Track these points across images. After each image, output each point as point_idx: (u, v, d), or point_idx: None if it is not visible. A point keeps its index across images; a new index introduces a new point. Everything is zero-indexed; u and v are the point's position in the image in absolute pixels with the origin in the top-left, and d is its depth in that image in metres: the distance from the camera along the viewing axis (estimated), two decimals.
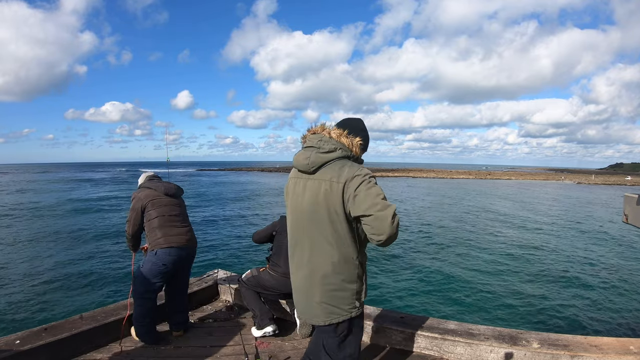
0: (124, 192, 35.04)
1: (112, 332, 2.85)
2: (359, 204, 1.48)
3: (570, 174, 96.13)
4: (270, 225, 3.28)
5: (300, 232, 1.68)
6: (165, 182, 3.06)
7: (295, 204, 1.68)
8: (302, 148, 1.70)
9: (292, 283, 1.79)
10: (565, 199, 35.06)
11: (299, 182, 1.67)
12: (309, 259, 1.65)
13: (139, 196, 2.89)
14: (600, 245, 14.51)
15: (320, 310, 1.65)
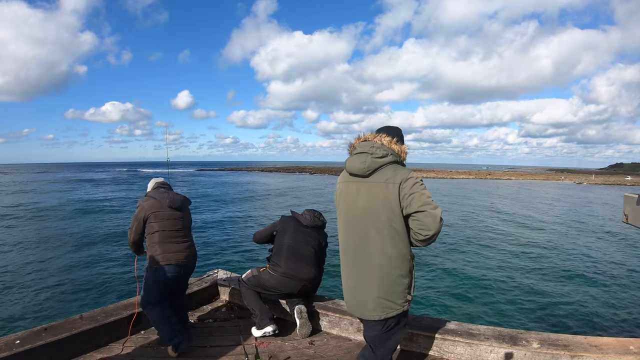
0: (124, 193, 35.08)
1: (112, 332, 2.85)
2: (414, 202, 1.66)
3: (570, 174, 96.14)
4: (270, 225, 3.29)
5: (357, 232, 1.79)
6: (172, 192, 3.02)
7: (350, 206, 1.81)
8: (354, 154, 1.82)
9: (346, 281, 1.87)
10: (565, 199, 35.06)
11: (352, 185, 1.81)
12: (367, 256, 1.75)
13: (143, 205, 2.86)
14: (600, 245, 14.50)
15: (376, 305, 1.75)
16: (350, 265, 1.83)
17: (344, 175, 1.88)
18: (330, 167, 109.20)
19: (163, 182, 3.15)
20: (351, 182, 1.82)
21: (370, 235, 1.74)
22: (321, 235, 3.28)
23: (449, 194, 37.56)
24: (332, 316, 3.05)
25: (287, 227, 3.17)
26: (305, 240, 3.12)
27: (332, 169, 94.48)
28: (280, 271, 2.99)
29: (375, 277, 1.74)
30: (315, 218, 3.26)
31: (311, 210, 3.34)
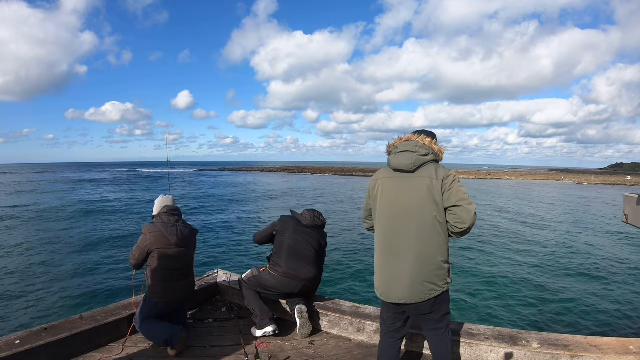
0: (125, 194, 35.07)
1: (112, 332, 2.85)
2: (453, 196, 1.86)
3: (570, 174, 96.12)
4: (270, 225, 3.28)
5: (402, 222, 1.92)
6: (181, 226, 2.92)
7: (395, 198, 1.95)
8: (398, 152, 1.98)
9: (389, 269, 1.96)
10: (564, 199, 35.06)
11: (395, 180, 1.98)
12: (414, 245, 1.89)
13: (149, 238, 2.78)
14: (600, 245, 14.50)
15: (423, 288, 1.89)
16: (395, 254, 1.94)
17: (384, 172, 2.04)
18: (330, 167, 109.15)
19: (174, 207, 3.02)
20: (395, 177, 1.98)
21: (416, 225, 1.89)
22: (321, 235, 3.28)
23: None
24: (332, 316, 3.05)
25: (287, 227, 3.17)
26: (305, 240, 3.12)
27: (331, 168, 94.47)
28: (281, 271, 2.98)
29: (422, 263, 1.88)
30: (315, 218, 3.25)
31: (311, 210, 3.33)
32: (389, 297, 1.97)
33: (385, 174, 2.03)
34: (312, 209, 3.35)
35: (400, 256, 1.92)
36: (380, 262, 2.00)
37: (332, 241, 14.21)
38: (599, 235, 16.59)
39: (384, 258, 1.98)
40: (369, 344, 2.87)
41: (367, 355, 2.71)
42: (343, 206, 25.48)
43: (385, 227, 1.98)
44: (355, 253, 12.50)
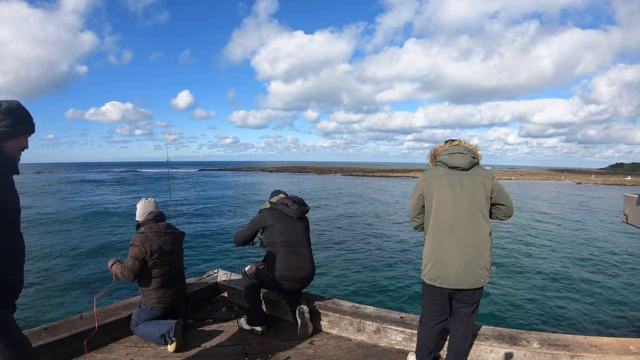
0: (125, 194, 35.07)
1: (112, 332, 2.85)
2: (502, 196, 2.21)
3: (570, 174, 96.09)
4: (252, 223, 3.09)
5: (462, 213, 2.14)
6: (172, 231, 2.92)
7: (454, 193, 2.16)
8: (451, 153, 2.22)
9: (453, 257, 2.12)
10: (564, 199, 35.05)
11: (453, 177, 2.19)
12: (473, 233, 2.13)
13: (145, 248, 2.76)
14: (599, 245, 14.49)
15: (482, 273, 2.13)
16: (457, 242, 2.13)
17: (439, 169, 2.24)
18: (330, 167, 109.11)
19: (159, 212, 2.99)
20: (451, 174, 2.20)
21: (475, 216, 2.14)
22: (306, 221, 3.15)
23: None
24: (332, 316, 3.05)
25: (273, 223, 2.99)
26: (297, 236, 3.00)
27: (331, 168, 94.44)
28: (278, 275, 2.93)
29: (480, 251, 2.12)
30: (301, 208, 3.08)
31: (292, 198, 3.14)
32: (450, 284, 2.13)
33: (440, 171, 2.23)
34: (294, 197, 3.17)
35: (464, 244, 2.11)
36: (442, 251, 2.15)
37: (333, 241, 14.21)
38: (599, 235, 16.58)
39: (446, 246, 2.14)
40: (369, 344, 2.87)
41: (367, 355, 2.71)
42: (346, 206, 25.49)
43: (447, 217, 2.15)
44: (356, 253, 12.50)
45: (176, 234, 2.99)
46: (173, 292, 2.92)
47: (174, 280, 2.93)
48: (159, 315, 2.88)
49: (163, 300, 2.87)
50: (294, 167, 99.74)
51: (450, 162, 2.20)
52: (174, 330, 2.67)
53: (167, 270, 2.86)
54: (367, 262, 11.38)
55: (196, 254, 11.83)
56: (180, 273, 3.02)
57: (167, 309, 2.90)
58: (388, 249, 13.21)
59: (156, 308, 2.85)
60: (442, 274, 2.15)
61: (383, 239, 14.92)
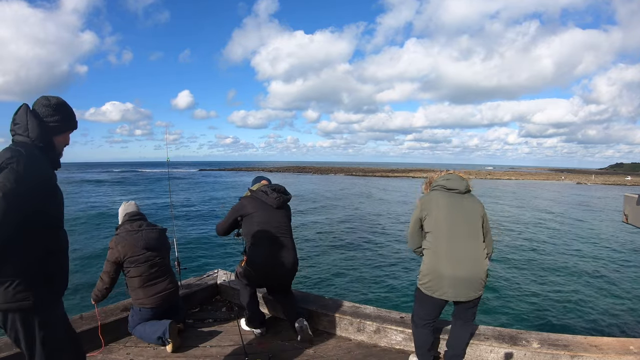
0: (125, 195, 35.09)
1: (112, 332, 2.85)
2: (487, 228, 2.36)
3: (570, 174, 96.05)
4: (231, 212, 2.99)
5: (462, 229, 2.24)
6: (146, 230, 2.88)
7: (453, 210, 2.28)
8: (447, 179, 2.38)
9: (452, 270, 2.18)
10: (564, 199, 35.04)
11: (452, 196, 2.33)
12: (472, 249, 2.22)
13: (117, 249, 2.77)
14: (599, 245, 14.49)
15: (479, 286, 2.23)
16: (456, 258, 2.20)
17: (439, 191, 2.37)
18: (330, 166, 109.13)
19: (135, 212, 3.00)
20: (452, 195, 2.34)
21: (474, 233, 2.26)
22: (288, 212, 3.06)
23: None
24: (332, 316, 3.05)
25: (253, 212, 2.88)
26: (278, 225, 2.89)
27: (331, 168, 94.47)
28: (260, 268, 2.84)
29: (479, 265, 2.21)
30: (281, 196, 2.97)
31: (273, 186, 3.03)
32: (448, 296, 2.24)
33: (441, 194, 2.36)
34: (275, 185, 3.06)
35: (463, 260, 2.20)
36: (441, 266, 2.21)
37: (334, 241, 14.21)
38: (599, 236, 16.57)
39: (446, 261, 2.21)
40: (369, 343, 2.87)
41: (367, 355, 2.71)
42: (347, 205, 25.49)
43: (447, 233, 2.24)
44: (356, 253, 12.50)
45: (151, 230, 2.90)
46: (158, 290, 2.83)
47: (156, 278, 2.84)
48: (150, 316, 2.82)
49: (149, 300, 2.79)
50: (294, 167, 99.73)
51: (448, 185, 2.35)
52: (169, 331, 2.66)
53: (145, 268, 2.79)
54: (368, 262, 11.38)
55: (196, 254, 11.84)
56: (163, 271, 2.91)
57: (156, 309, 2.82)
58: (389, 248, 13.21)
59: (144, 309, 2.80)
60: (441, 288, 2.23)
61: (383, 238, 14.91)
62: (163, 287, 2.87)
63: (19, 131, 1.60)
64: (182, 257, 3.75)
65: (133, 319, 2.86)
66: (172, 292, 2.94)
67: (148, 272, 2.81)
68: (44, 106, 1.66)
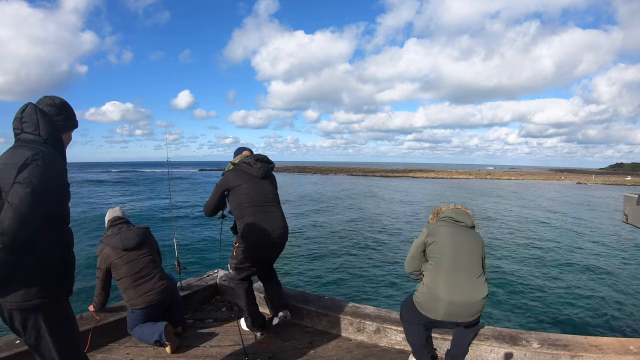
0: (125, 195, 35.11)
1: (112, 332, 2.86)
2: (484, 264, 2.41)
3: (570, 174, 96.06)
4: (215, 188, 2.91)
5: (466, 259, 2.32)
6: (124, 232, 2.89)
7: (458, 239, 2.38)
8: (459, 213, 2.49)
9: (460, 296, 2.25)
10: (564, 199, 35.04)
11: (460, 229, 2.43)
12: (476, 276, 2.30)
13: (102, 256, 2.82)
14: (599, 245, 14.49)
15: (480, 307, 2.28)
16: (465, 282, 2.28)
17: (446, 221, 2.48)
18: (330, 166, 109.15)
19: (117, 217, 3.02)
20: (459, 226, 2.45)
21: (476, 261, 2.34)
22: (273, 179, 3.01)
23: (450, 194, 37.55)
24: (332, 316, 3.05)
25: (239, 183, 2.81)
26: (265, 195, 2.84)
27: (331, 168, 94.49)
28: (253, 238, 2.76)
29: (480, 289, 2.28)
30: (265, 165, 2.90)
31: (256, 156, 2.95)
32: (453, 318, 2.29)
33: (445, 224, 2.46)
34: (258, 155, 2.98)
35: (463, 287, 2.27)
36: (442, 289, 2.28)
37: (334, 241, 14.21)
38: (599, 236, 16.57)
39: (447, 286, 2.28)
40: (368, 343, 2.87)
41: (367, 355, 2.71)
42: (349, 205, 25.49)
43: (452, 259, 2.32)
44: (357, 253, 12.49)
45: (129, 231, 2.90)
46: (147, 289, 2.80)
47: (143, 277, 2.82)
48: (144, 316, 2.80)
49: (140, 300, 2.77)
50: (294, 167, 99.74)
51: (456, 217, 2.48)
52: (165, 334, 2.65)
53: (129, 269, 2.79)
54: (368, 262, 11.38)
55: (196, 254, 11.84)
56: (150, 269, 2.88)
57: (149, 308, 2.79)
58: (389, 248, 13.21)
59: (136, 310, 2.78)
60: (435, 310, 2.30)
61: (383, 238, 14.91)
62: (151, 285, 2.83)
63: (28, 129, 1.63)
64: (182, 257, 3.75)
65: (130, 320, 2.86)
66: (163, 290, 2.87)
67: (133, 272, 2.80)
68: (50, 105, 1.71)
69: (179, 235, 14.32)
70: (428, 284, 2.36)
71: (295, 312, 3.20)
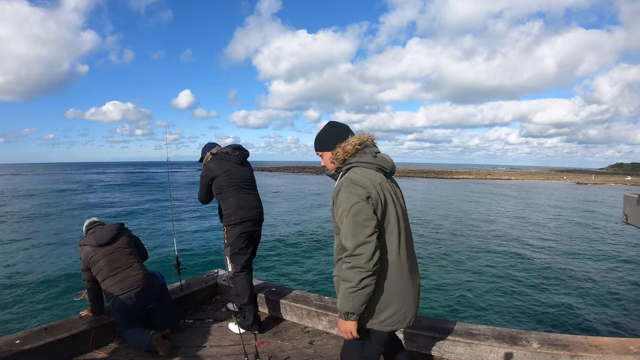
0: (125, 195, 35.08)
1: (112, 332, 2.85)
2: None
3: (571, 174, 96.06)
4: (202, 179, 3.14)
5: (408, 235, 1.73)
6: (98, 230, 2.93)
7: (400, 207, 1.69)
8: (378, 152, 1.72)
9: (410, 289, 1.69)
10: (565, 199, 35.04)
11: (391, 184, 1.71)
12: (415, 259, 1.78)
13: (82, 256, 2.88)
14: (599, 245, 14.50)
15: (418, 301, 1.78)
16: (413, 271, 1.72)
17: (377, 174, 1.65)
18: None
19: (93, 221, 3.10)
20: (389, 181, 1.70)
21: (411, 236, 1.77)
22: (250, 166, 3.26)
23: (449, 194, 37.55)
24: (332, 316, 3.05)
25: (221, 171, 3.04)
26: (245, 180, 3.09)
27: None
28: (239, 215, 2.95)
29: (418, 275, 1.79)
30: (242, 152, 3.17)
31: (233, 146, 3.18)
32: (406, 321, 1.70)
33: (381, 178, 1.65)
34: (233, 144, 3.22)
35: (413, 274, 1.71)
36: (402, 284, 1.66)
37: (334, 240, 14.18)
38: (599, 236, 16.58)
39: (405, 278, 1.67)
40: None
41: None
42: None
43: (401, 240, 1.66)
44: None
45: (102, 228, 2.95)
46: (123, 276, 2.80)
47: (119, 267, 2.83)
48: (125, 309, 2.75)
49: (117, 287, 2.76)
50: (294, 167, 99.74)
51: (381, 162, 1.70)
52: (153, 344, 2.63)
53: (105, 262, 2.81)
54: None
55: (196, 254, 11.84)
56: (127, 260, 2.89)
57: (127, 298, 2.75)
58: None
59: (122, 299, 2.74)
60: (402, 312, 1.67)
61: None
62: (128, 272, 2.84)
63: None
64: (182, 257, 3.74)
65: (117, 319, 2.81)
66: (141, 277, 2.86)
67: (110, 264, 2.83)
68: None
69: (179, 236, 14.34)
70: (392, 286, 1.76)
71: (296, 312, 3.21)
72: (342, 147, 1.68)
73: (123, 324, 2.78)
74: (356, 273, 1.48)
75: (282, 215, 20.88)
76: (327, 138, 1.77)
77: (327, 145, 1.76)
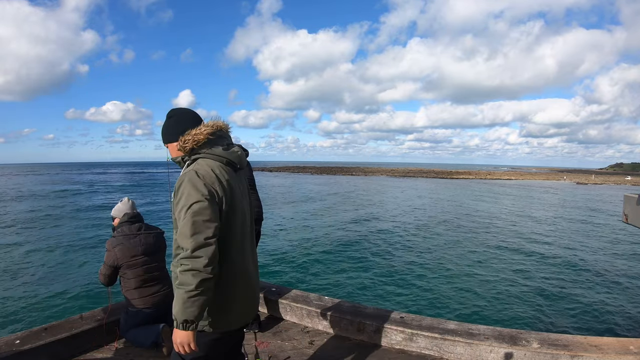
0: (125, 195, 35.05)
1: (112, 332, 2.85)
2: None
3: (571, 174, 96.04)
4: None
5: (249, 227, 1.67)
6: (145, 234, 2.84)
7: (243, 202, 1.62)
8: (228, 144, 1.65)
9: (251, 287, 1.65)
10: (565, 199, 35.03)
11: (234, 177, 1.59)
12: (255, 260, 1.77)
13: (114, 252, 2.74)
14: (599, 245, 14.49)
15: None
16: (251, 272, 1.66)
17: (225, 169, 1.56)
18: (330, 166, 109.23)
19: (133, 214, 2.92)
20: (237, 176, 1.63)
21: (254, 235, 1.73)
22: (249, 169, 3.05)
23: (448, 194, 37.54)
24: (332, 316, 3.05)
25: None
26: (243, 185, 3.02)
27: (332, 168, 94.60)
28: None
29: None
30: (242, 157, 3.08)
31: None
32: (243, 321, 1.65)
33: (228, 173, 1.56)
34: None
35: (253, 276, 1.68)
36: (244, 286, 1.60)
37: (334, 240, 14.20)
38: (599, 236, 16.57)
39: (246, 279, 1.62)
40: (369, 343, 2.87)
41: (367, 355, 2.71)
42: (350, 205, 25.50)
43: (245, 240, 1.62)
44: (357, 253, 12.49)
45: (149, 235, 2.89)
46: (152, 292, 2.80)
47: (152, 281, 2.82)
48: (142, 318, 2.76)
49: (142, 301, 2.75)
50: (295, 167, 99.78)
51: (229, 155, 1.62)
52: (162, 336, 2.63)
53: (141, 271, 2.77)
54: (368, 262, 11.38)
55: None
56: (159, 274, 2.88)
57: (149, 310, 2.78)
58: (389, 248, 13.21)
59: (135, 310, 2.75)
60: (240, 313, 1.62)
61: (384, 238, 14.91)
62: (157, 288, 2.83)
63: None
64: None
65: (126, 322, 2.81)
66: (166, 294, 2.87)
67: (144, 275, 2.78)
68: None
69: None
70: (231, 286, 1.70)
71: (295, 312, 3.21)
72: (192, 135, 1.55)
73: (130, 327, 2.79)
74: (194, 276, 1.34)
75: (282, 215, 20.89)
76: (168, 129, 1.68)
77: (171, 136, 1.67)
